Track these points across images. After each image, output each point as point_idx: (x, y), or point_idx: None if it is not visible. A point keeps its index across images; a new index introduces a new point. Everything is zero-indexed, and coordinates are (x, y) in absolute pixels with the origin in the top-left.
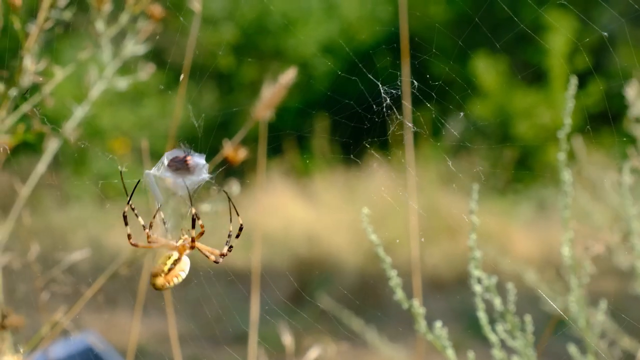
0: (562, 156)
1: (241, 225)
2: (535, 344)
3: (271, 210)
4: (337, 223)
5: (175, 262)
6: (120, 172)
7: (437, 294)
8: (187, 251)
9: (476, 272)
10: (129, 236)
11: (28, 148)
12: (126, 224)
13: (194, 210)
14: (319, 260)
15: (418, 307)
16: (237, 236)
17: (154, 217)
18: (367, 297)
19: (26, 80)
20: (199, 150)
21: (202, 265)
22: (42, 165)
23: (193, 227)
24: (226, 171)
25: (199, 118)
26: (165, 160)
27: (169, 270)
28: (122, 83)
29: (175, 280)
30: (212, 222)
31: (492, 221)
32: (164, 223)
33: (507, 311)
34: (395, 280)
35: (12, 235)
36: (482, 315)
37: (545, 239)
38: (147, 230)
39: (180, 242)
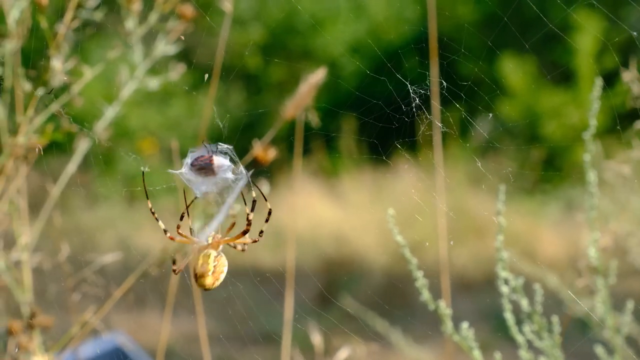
0: (587, 157)
1: (270, 209)
2: (562, 345)
3: (299, 210)
4: (365, 223)
5: (217, 258)
6: (143, 172)
7: (465, 294)
8: (221, 247)
9: (503, 274)
10: (165, 231)
11: (57, 148)
12: (157, 219)
13: (231, 202)
14: (346, 261)
15: (445, 308)
16: (267, 220)
17: (188, 207)
18: (395, 297)
19: (55, 80)
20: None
21: (230, 264)
22: (72, 166)
23: (251, 209)
24: (255, 171)
25: (224, 119)
26: (189, 159)
27: (214, 267)
28: (153, 83)
29: (222, 277)
30: (239, 222)
31: (520, 221)
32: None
33: (534, 312)
34: (421, 281)
35: (42, 236)
36: (509, 317)
37: (573, 239)
38: (179, 224)
39: (210, 238)
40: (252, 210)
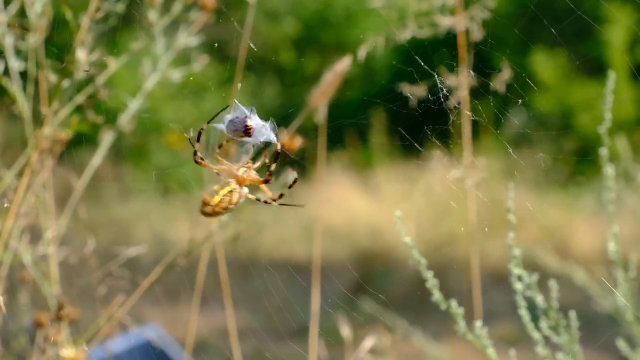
0: (604, 151)
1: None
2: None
3: (333, 203)
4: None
5: (229, 193)
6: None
7: (500, 286)
8: (245, 185)
9: (516, 270)
10: (195, 153)
11: (88, 142)
12: (198, 140)
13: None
14: (381, 253)
15: (456, 307)
16: (275, 160)
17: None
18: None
19: (79, 72)
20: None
21: (265, 256)
22: (97, 158)
23: (275, 159)
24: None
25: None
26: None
27: (220, 201)
28: (176, 75)
29: (224, 212)
30: (273, 213)
31: (555, 214)
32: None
33: (549, 308)
34: (432, 281)
35: (71, 229)
36: (524, 313)
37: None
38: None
39: (242, 170)
40: (275, 160)
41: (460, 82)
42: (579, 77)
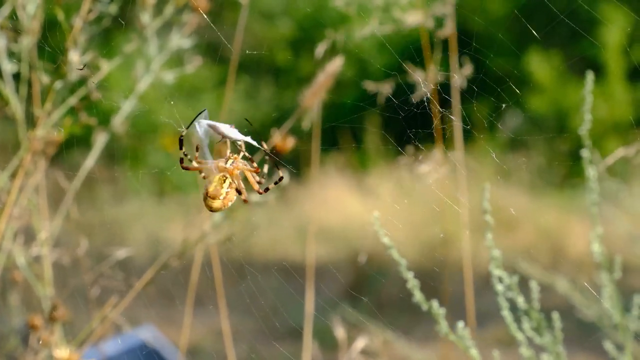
0: (585, 153)
1: (281, 177)
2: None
3: (327, 204)
4: (393, 217)
5: (231, 185)
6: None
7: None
8: (237, 172)
9: (497, 272)
10: (181, 160)
11: (82, 143)
12: (180, 147)
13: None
14: (376, 255)
15: (437, 308)
16: (275, 183)
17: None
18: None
19: (72, 73)
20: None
21: (260, 258)
22: (90, 160)
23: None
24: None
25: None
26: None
27: (227, 193)
28: (169, 76)
29: (229, 204)
30: (268, 215)
31: (551, 215)
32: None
33: (530, 309)
34: (412, 282)
35: (64, 231)
36: (506, 314)
37: (605, 233)
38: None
39: (230, 162)
40: (266, 172)
41: (452, 86)
42: (574, 79)
